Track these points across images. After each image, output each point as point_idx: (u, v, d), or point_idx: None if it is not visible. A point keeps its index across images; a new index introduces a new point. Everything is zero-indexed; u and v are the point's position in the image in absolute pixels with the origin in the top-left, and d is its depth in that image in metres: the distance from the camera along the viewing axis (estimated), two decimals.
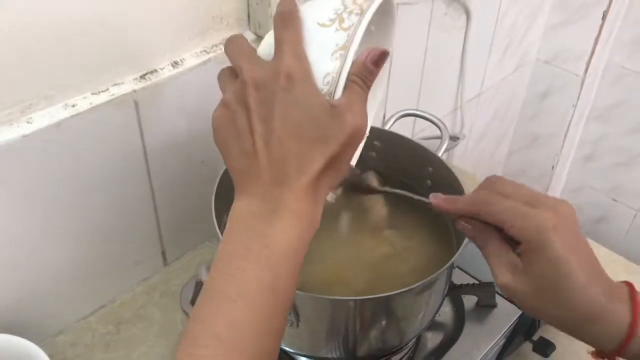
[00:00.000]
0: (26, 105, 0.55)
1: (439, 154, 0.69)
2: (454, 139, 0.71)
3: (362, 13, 0.43)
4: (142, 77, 0.62)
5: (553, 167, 1.46)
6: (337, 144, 0.41)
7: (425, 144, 0.69)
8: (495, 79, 1.27)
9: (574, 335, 0.47)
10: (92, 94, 0.59)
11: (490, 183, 0.49)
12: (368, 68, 0.43)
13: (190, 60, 0.65)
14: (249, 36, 0.69)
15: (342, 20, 0.43)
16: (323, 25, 0.43)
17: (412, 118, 0.81)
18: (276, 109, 0.40)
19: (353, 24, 0.43)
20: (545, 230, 0.44)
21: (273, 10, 0.65)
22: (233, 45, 0.45)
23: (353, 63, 0.42)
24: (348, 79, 0.42)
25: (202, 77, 0.66)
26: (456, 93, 1.16)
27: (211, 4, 0.64)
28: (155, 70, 0.63)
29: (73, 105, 0.58)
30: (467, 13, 1.03)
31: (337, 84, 0.42)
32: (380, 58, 0.43)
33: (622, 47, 1.31)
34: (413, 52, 0.99)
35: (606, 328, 0.45)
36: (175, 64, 0.64)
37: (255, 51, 0.44)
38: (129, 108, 0.61)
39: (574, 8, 1.26)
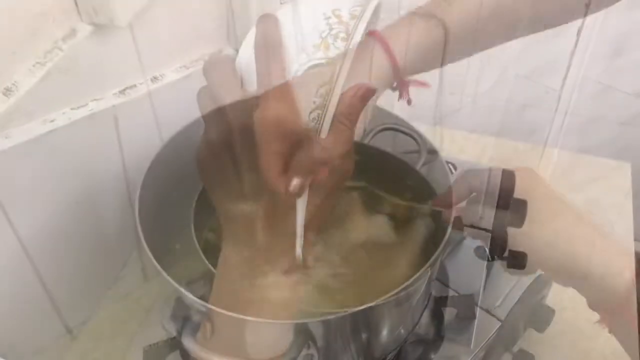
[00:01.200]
0: (4, 121, 0.55)
1: (417, 168, 0.69)
2: (433, 152, 0.72)
3: (348, 38, 0.41)
4: (122, 92, 0.62)
5: None
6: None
7: (407, 157, 0.70)
8: (474, 93, 1.28)
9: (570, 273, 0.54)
10: (71, 109, 0.59)
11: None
12: (355, 106, 0.42)
13: (170, 76, 0.65)
14: (229, 52, 0.69)
15: (327, 47, 0.41)
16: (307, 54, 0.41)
17: (393, 132, 0.82)
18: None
19: (339, 53, 0.40)
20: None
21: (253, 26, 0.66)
22: (215, 70, 0.43)
23: (339, 99, 0.41)
24: (335, 118, 0.41)
25: (182, 92, 0.66)
26: (435, 107, 1.17)
27: (192, 20, 0.65)
28: (135, 86, 0.63)
29: (52, 121, 0.58)
30: (445, 29, 1.04)
31: (323, 121, 0.41)
32: (367, 95, 0.42)
33: (597, 63, 1.33)
34: None
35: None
36: (154, 79, 0.64)
37: (239, 83, 0.42)
38: (109, 123, 0.61)
39: None
